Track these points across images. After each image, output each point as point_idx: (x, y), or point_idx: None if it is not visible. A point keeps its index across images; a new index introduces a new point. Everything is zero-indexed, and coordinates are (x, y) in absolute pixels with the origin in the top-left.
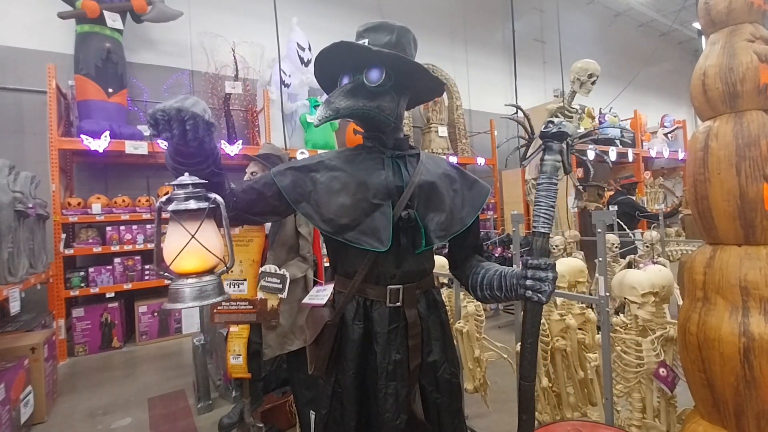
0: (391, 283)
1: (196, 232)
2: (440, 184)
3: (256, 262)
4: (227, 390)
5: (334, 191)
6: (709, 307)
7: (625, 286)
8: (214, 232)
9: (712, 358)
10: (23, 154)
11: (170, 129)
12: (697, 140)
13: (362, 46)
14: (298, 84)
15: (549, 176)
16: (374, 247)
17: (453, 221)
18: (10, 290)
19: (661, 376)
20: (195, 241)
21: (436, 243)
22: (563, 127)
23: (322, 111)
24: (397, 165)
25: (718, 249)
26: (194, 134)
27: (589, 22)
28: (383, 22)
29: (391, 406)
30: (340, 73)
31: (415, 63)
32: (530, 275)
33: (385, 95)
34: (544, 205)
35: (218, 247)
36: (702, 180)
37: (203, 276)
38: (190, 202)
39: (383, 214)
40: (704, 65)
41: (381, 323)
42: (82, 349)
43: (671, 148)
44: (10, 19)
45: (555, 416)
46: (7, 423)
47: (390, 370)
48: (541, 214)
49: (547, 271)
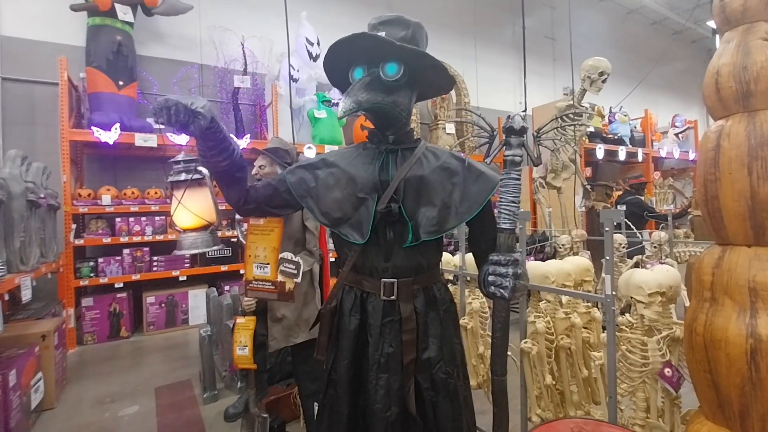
0: (384, 277)
1: (182, 197)
2: (433, 178)
3: (276, 249)
4: (233, 381)
5: (329, 186)
6: (716, 308)
7: (632, 285)
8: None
9: (718, 359)
10: (35, 145)
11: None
12: (709, 139)
13: (386, 39)
14: (306, 79)
15: (508, 171)
16: (355, 240)
17: (448, 216)
18: (21, 278)
19: (666, 377)
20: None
21: (425, 238)
22: (515, 122)
23: (346, 103)
24: (387, 159)
25: (728, 249)
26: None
27: (600, 19)
28: (399, 16)
29: (381, 398)
30: (353, 64)
31: (434, 60)
32: (491, 271)
33: (400, 90)
34: (506, 200)
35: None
36: (713, 180)
37: (199, 231)
38: (181, 175)
39: (367, 208)
40: (718, 64)
41: (375, 315)
42: (91, 337)
43: (682, 148)
44: (23, 11)
45: (558, 414)
46: (18, 408)
47: (382, 363)
48: (503, 210)
49: (507, 266)
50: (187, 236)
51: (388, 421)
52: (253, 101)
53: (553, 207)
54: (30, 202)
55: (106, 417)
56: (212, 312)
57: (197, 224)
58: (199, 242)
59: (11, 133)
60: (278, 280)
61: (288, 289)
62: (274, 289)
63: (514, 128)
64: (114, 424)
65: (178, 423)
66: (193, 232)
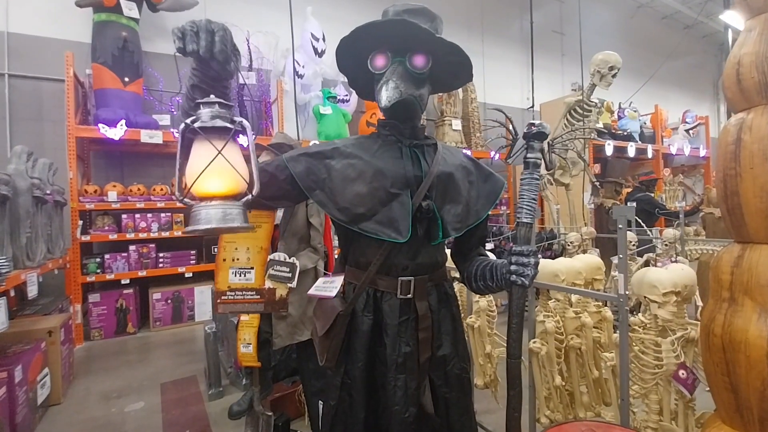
0: (402, 275)
1: (223, 148)
2: (458, 175)
3: (264, 249)
4: (238, 377)
5: (349, 179)
6: (735, 308)
7: (645, 284)
8: (239, 157)
9: (738, 362)
10: (42, 142)
11: (197, 40)
12: (729, 133)
13: (427, 29)
14: (311, 75)
15: (531, 172)
16: (392, 238)
17: (469, 213)
18: (28, 274)
19: (681, 378)
20: (221, 159)
21: (452, 235)
22: (542, 128)
23: (391, 93)
24: (415, 154)
25: (748, 248)
26: (222, 46)
27: (610, 13)
28: (423, 7)
29: (400, 399)
30: (375, 50)
31: (466, 57)
32: (514, 261)
33: (423, 83)
34: (527, 197)
35: (244, 171)
36: (733, 175)
37: (228, 201)
38: (217, 121)
39: (402, 204)
40: (739, 54)
41: (391, 315)
42: (98, 333)
43: (692, 144)
44: (29, 7)
45: (567, 415)
46: (24, 403)
47: (400, 363)
48: (524, 206)
49: (529, 257)
50: (211, 204)
51: (407, 422)
52: (259, 97)
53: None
54: (36, 198)
55: (112, 412)
56: None
57: (228, 188)
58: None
59: (19, 130)
60: (265, 288)
61: (279, 297)
62: (259, 298)
63: (541, 133)
64: (120, 419)
65: (183, 419)
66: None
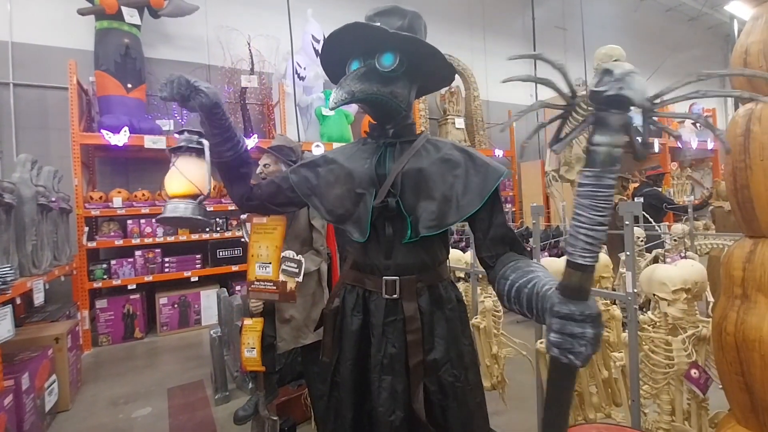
0: (386, 274)
1: (174, 162)
2: (432, 170)
3: (279, 247)
4: (244, 381)
5: (330, 183)
6: (748, 306)
7: (655, 281)
8: (199, 169)
9: (752, 360)
10: (48, 149)
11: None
12: (738, 124)
13: (378, 27)
14: (313, 76)
15: (599, 172)
16: (356, 238)
17: (448, 211)
18: (33, 282)
19: (693, 378)
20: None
21: (425, 234)
22: (630, 84)
23: (337, 94)
24: (385, 153)
25: (759, 242)
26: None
27: (613, 7)
28: (395, 6)
29: (384, 401)
30: (350, 57)
31: (431, 47)
32: (558, 328)
33: (397, 81)
34: (587, 220)
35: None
36: (742, 167)
37: (186, 199)
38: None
39: (365, 204)
40: (746, 42)
41: (377, 315)
42: (106, 339)
43: (700, 138)
44: (32, 17)
45: (576, 417)
46: (32, 410)
47: (385, 364)
48: (580, 236)
49: (583, 325)
50: (171, 201)
51: (392, 425)
52: (261, 100)
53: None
54: (41, 205)
55: (120, 418)
56: (223, 312)
57: (187, 191)
58: (182, 208)
59: (25, 138)
60: (280, 280)
61: (289, 289)
62: (275, 289)
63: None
64: (127, 425)
65: (190, 424)
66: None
